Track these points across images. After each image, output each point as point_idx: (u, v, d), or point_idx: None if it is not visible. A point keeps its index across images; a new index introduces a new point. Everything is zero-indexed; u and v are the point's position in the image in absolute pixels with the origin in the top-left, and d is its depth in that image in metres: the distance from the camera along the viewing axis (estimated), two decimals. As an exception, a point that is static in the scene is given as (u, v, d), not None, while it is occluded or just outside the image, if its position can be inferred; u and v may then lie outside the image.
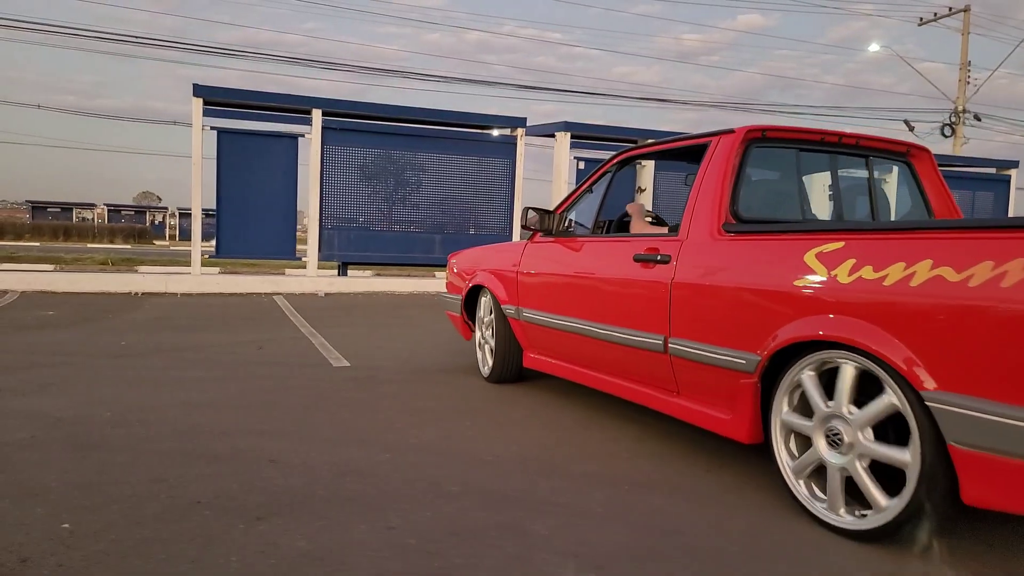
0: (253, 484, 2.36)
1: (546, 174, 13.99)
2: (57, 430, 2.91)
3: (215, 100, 9.01)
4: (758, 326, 2.34)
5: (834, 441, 2.09)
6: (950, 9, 21.77)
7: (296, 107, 9.36)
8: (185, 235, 36.57)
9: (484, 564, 1.85)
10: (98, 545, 1.88)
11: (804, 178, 3.12)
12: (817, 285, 2.17)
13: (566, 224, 3.63)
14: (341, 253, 9.62)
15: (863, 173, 3.25)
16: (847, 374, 2.07)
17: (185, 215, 41.29)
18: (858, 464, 2.03)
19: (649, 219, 3.93)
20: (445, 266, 10.71)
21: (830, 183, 3.22)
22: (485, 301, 4.24)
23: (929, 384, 1.84)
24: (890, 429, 2.02)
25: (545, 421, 3.30)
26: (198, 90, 8.81)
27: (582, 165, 10.62)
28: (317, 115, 9.25)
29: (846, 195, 3.24)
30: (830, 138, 3.04)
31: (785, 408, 2.29)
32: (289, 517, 2.10)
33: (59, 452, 2.64)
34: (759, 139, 2.83)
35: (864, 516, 2.03)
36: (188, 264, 9.57)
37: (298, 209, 9.86)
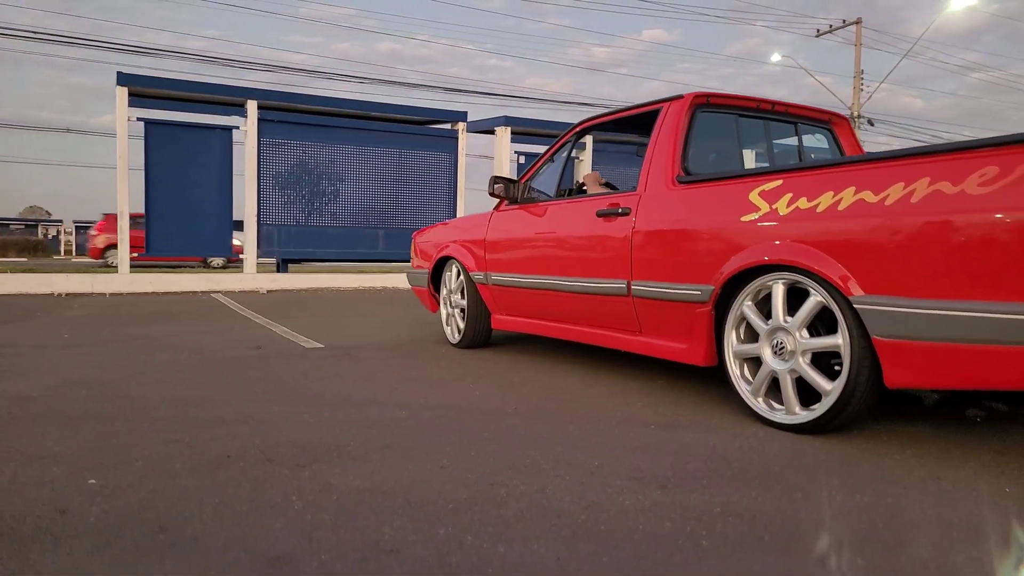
0: (277, 440, 2.25)
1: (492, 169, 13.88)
2: (32, 407, 2.69)
3: (141, 90, 8.56)
4: (711, 260, 2.64)
5: (779, 351, 2.43)
6: (844, 21, 23.16)
7: (229, 98, 9.02)
8: (82, 250, 33.38)
9: (548, 490, 1.82)
10: (138, 494, 1.75)
11: (742, 142, 3.48)
12: (761, 218, 2.48)
13: (529, 192, 3.89)
14: (281, 250, 9.32)
15: (793, 139, 3.62)
16: (779, 291, 2.43)
17: (82, 229, 37.41)
18: (801, 360, 2.35)
19: (604, 187, 4.07)
20: (390, 262, 10.69)
21: (765, 147, 3.57)
22: (453, 271, 4.39)
23: (856, 291, 2.17)
24: (821, 329, 2.37)
25: (547, 383, 3.29)
26: (122, 78, 8.36)
27: (523, 160, 10.69)
28: (252, 106, 8.95)
29: (779, 157, 3.60)
30: (764, 105, 3.38)
31: (735, 341, 2.62)
32: (331, 463, 2.01)
33: (48, 424, 2.43)
34: (704, 104, 3.15)
35: (814, 409, 2.33)
36: (103, 272, 9.04)
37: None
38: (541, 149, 10.96)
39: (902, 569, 1.40)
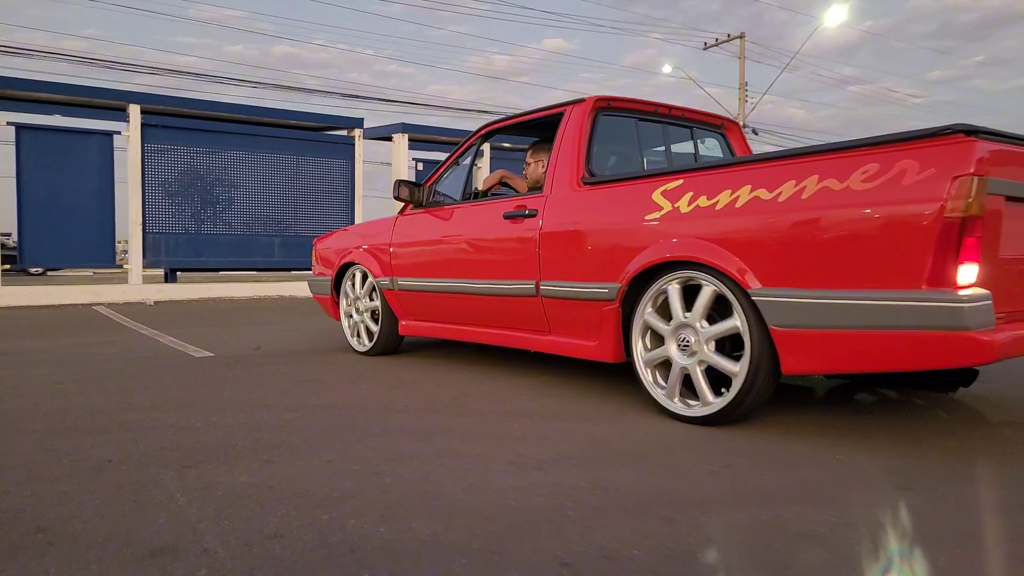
0: (162, 445, 2.25)
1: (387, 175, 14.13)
2: None
3: (12, 93, 8.05)
4: (617, 259, 2.72)
5: (684, 346, 2.52)
6: (728, 35, 24.50)
7: (110, 102, 8.61)
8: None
9: (431, 477, 1.93)
10: (14, 500, 1.73)
11: (642, 146, 3.56)
12: (664, 217, 2.59)
13: (434, 196, 3.88)
14: (170, 259, 8.97)
15: (689, 143, 3.75)
16: (675, 291, 2.54)
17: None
18: (706, 348, 2.45)
19: (504, 188, 4.18)
20: (287, 270, 10.47)
21: (663, 150, 3.68)
22: (358, 277, 4.30)
23: (754, 284, 2.29)
24: (715, 315, 2.49)
25: (439, 381, 3.39)
26: (-9, 80, 7.84)
27: (421, 166, 10.75)
28: (135, 111, 8.59)
29: (676, 159, 3.70)
30: (662, 109, 3.50)
31: (643, 350, 2.68)
32: (217, 464, 2.04)
33: (-90, 439, 2.32)
34: (605, 107, 3.22)
35: (725, 393, 2.42)
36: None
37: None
38: (440, 156, 11.05)
39: (739, 526, 1.60)
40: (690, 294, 2.53)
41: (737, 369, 2.36)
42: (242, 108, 9.60)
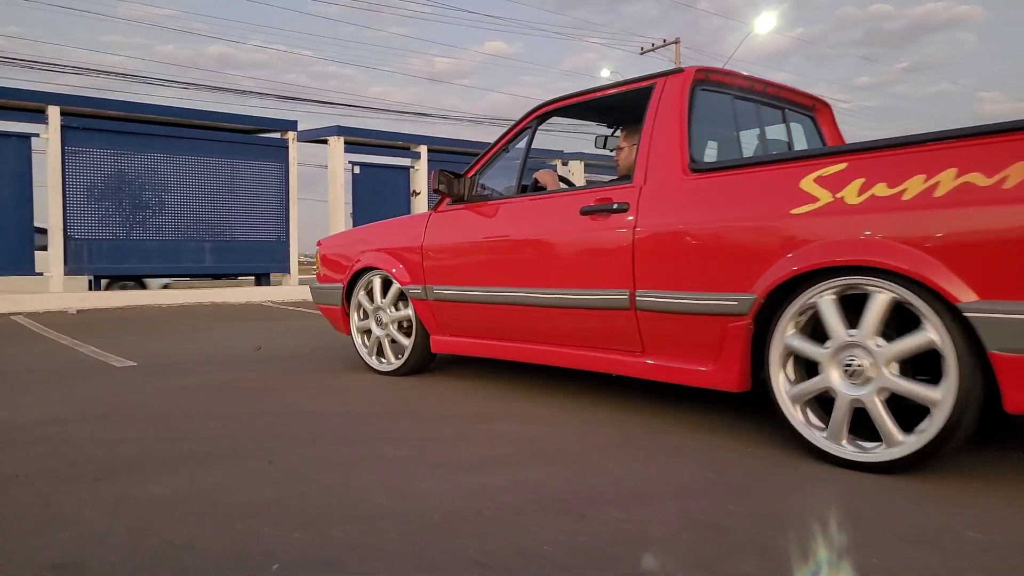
0: (76, 458, 2.18)
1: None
2: None
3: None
4: (751, 263, 2.20)
5: (852, 372, 1.99)
6: (664, 41, 25.05)
7: (27, 104, 8.24)
8: None
9: (355, 482, 1.93)
10: (-92, 522, 1.65)
11: (739, 127, 3.07)
12: (820, 210, 2.06)
13: (479, 189, 3.31)
14: (93, 266, 8.63)
15: (779, 125, 3.20)
16: (829, 303, 2.03)
17: None
18: (887, 371, 1.93)
19: (564, 186, 3.61)
20: (218, 277, 10.20)
21: (758, 133, 3.15)
22: (378, 284, 3.68)
23: (965, 296, 1.77)
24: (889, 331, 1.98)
25: (375, 387, 3.37)
26: None
27: (357, 170, 10.64)
28: (55, 112, 8.24)
29: (772, 145, 3.14)
30: (758, 86, 2.98)
31: (787, 384, 2.16)
32: (133, 476, 1.99)
33: None
34: (704, 80, 2.72)
35: (921, 430, 1.89)
36: None
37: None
38: (378, 159, 10.97)
39: (651, 519, 1.66)
40: (847, 306, 2.03)
41: (939, 396, 1.83)
42: (170, 110, 9.33)
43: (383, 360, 3.72)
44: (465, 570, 1.39)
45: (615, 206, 2.61)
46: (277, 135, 10.04)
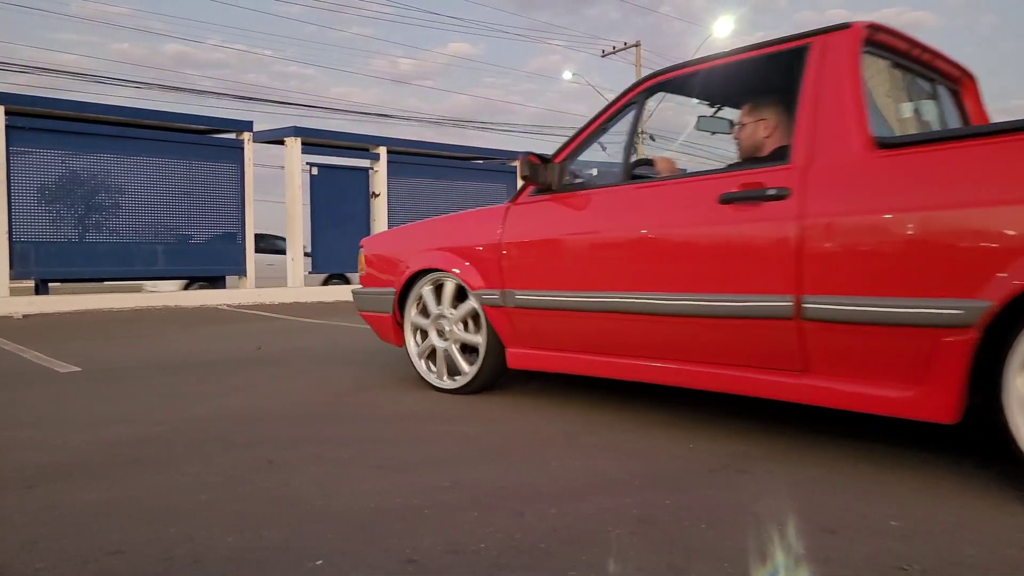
0: (8, 465, 2.13)
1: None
2: None
3: None
4: (980, 262, 1.76)
5: None
6: (625, 44, 25.32)
7: (-32, 103, 7.99)
8: None
9: (292, 484, 1.92)
10: None
11: (897, 98, 2.67)
12: None
13: (572, 177, 2.88)
14: (41, 270, 8.40)
15: (928, 100, 2.79)
16: None
17: None
18: None
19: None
20: (172, 279, 10.00)
21: (912, 106, 2.73)
22: (448, 288, 3.18)
23: None
24: None
25: (320, 387, 3.35)
26: None
27: (315, 172, 10.53)
28: (-1, 112, 8.00)
29: (921, 124, 2.74)
30: (915, 52, 2.58)
31: None
32: (65, 482, 1.95)
33: None
34: (869, 41, 2.29)
35: None
36: None
37: None
38: (337, 160, 10.88)
39: (584, 515, 1.68)
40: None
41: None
42: (122, 110, 9.12)
43: (443, 376, 3.21)
44: (398, 568, 1.40)
45: (771, 192, 2.15)
46: (232, 136, 9.89)
